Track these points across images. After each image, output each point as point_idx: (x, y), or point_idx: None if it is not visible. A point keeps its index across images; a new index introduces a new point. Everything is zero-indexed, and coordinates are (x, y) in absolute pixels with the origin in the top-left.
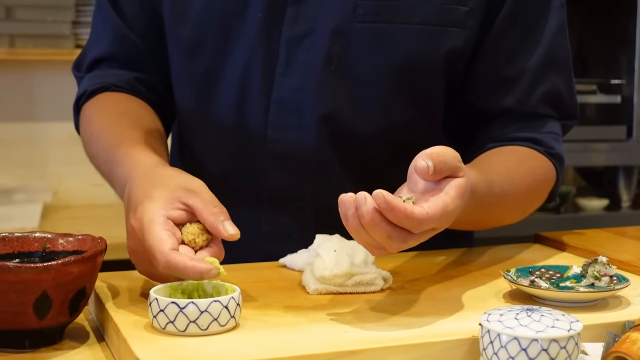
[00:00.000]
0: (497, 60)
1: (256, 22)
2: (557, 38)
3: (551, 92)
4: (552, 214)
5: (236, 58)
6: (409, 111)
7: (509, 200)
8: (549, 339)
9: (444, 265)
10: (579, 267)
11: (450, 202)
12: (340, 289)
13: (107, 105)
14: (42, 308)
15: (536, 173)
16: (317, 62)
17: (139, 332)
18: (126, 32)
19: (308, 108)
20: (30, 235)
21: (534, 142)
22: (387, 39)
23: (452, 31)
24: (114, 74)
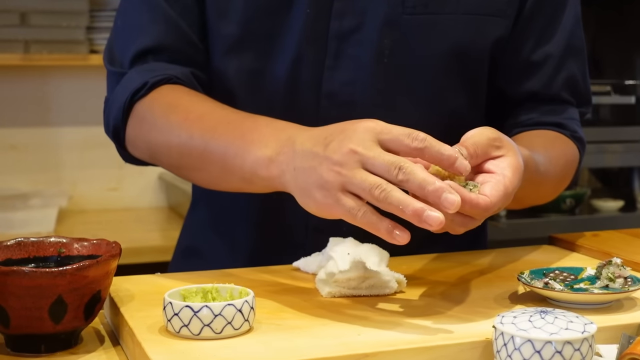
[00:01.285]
0: (524, 46)
1: (303, 17)
2: (575, 27)
3: (570, 78)
4: (566, 216)
5: (284, 54)
6: (459, 98)
7: (548, 179)
8: (563, 341)
9: (457, 268)
10: (593, 269)
11: (509, 184)
12: (354, 292)
13: (187, 93)
14: (58, 312)
15: (567, 154)
16: (367, 56)
17: (154, 335)
18: (179, 22)
19: (360, 101)
20: (45, 240)
21: (559, 127)
22: (436, 30)
23: (495, 20)
24: (170, 67)
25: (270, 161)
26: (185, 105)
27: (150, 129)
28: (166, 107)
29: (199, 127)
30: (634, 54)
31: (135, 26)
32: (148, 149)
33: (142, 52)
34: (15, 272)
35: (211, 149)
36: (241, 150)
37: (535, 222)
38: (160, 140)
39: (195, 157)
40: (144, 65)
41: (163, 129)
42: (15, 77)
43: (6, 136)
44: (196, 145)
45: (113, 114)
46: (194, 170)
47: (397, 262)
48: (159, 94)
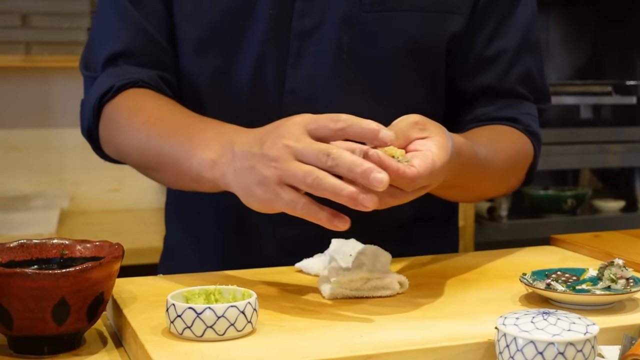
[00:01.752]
0: (478, 42)
1: (266, 18)
2: (531, 23)
3: (526, 73)
4: (568, 216)
5: (248, 54)
6: (418, 93)
7: (492, 170)
8: (565, 343)
9: (459, 269)
10: (595, 270)
11: (437, 159)
12: (357, 293)
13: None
14: (61, 314)
15: (516, 146)
16: (327, 53)
17: (157, 337)
18: (147, 26)
19: (321, 97)
20: (48, 242)
21: (513, 121)
22: (392, 26)
23: (451, 16)
24: (137, 71)
25: (213, 163)
26: (146, 108)
27: (116, 130)
28: (129, 110)
29: (156, 130)
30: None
31: (105, 32)
32: (115, 150)
33: (112, 56)
34: (18, 274)
35: (165, 151)
36: (189, 153)
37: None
38: (124, 141)
39: (152, 158)
40: (113, 69)
41: (126, 131)
42: (16, 78)
43: (8, 137)
44: (153, 147)
45: (86, 116)
46: (153, 170)
47: (399, 263)
48: (125, 97)
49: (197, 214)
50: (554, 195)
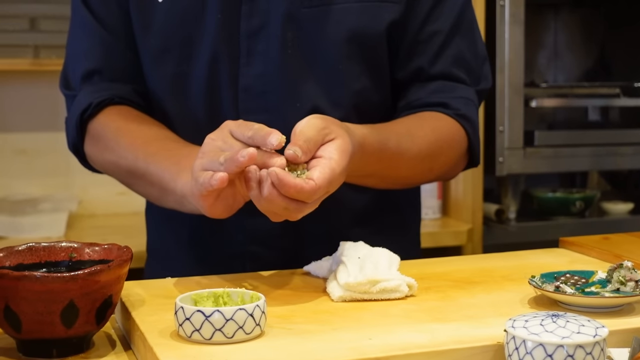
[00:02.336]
0: (412, 27)
1: (215, 22)
2: (465, 7)
3: (458, 55)
4: (576, 219)
5: (202, 57)
6: (363, 81)
7: (407, 156)
8: (574, 345)
9: (468, 271)
10: (604, 272)
11: (336, 166)
12: (365, 296)
13: (133, 116)
14: (69, 317)
15: (439, 132)
16: (274, 49)
17: (165, 340)
18: (115, 43)
19: (272, 91)
20: (57, 245)
21: (443, 107)
22: (332, 19)
23: (387, 5)
24: (112, 87)
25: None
26: (132, 130)
27: (103, 148)
28: (116, 131)
29: (143, 151)
30: None
31: (78, 52)
32: (102, 166)
33: (87, 74)
34: (26, 277)
35: (151, 172)
36: (174, 175)
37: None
38: (112, 160)
39: (139, 177)
40: (90, 87)
41: (114, 150)
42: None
43: (16, 141)
44: (140, 167)
45: (70, 134)
46: (140, 187)
47: (407, 266)
48: (108, 118)
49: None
50: (563, 197)
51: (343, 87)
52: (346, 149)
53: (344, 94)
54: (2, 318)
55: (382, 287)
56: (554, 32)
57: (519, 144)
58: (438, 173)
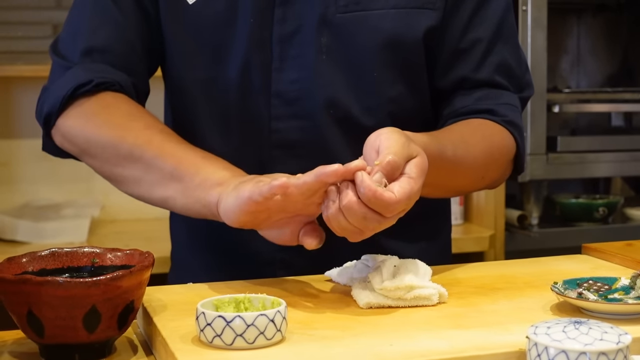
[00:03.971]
0: (453, 35)
1: (248, 26)
2: (506, 14)
3: (501, 62)
4: (599, 225)
5: (233, 62)
6: (398, 87)
7: (464, 165)
8: (597, 352)
9: (490, 278)
10: (628, 279)
11: (414, 184)
12: (396, 303)
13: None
14: (92, 322)
15: (490, 139)
16: (308, 55)
17: (186, 345)
18: (127, 30)
19: (305, 98)
20: (79, 250)
21: (490, 113)
22: (367, 24)
23: (425, 12)
24: (114, 72)
25: (221, 182)
26: (146, 118)
27: (101, 125)
28: (127, 113)
29: (160, 137)
30: None
31: (85, 24)
32: (86, 142)
33: (89, 50)
34: (49, 282)
35: (166, 155)
36: (198, 164)
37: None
38: (110, 137)
39: (147, 159)
40: (90, 64)
41: (119, 126)
42: None
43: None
44: (152, 149)
45: (49, 102)
46: (135, 170)
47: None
48: (115, 100)
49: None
50: (586, 203)
51: (378, 94)
52: (425, 167)
53: (379, 101)
54: (25, 323)
55: (416, 294)
56: (577, 37)
57: (542, 150)
58: (489, 181)
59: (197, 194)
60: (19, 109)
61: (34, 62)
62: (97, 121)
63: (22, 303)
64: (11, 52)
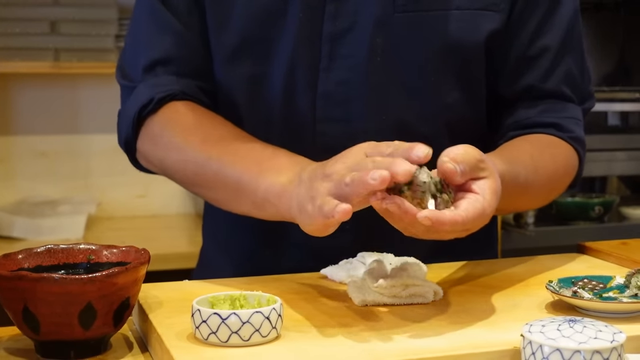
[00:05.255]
0: (520, 41)
1: (297, 22)
2: (574, 21)
3: (568, 72)
4: (595, 223)
5: (280, 58)
6: (455, 94)
7: (532, 189)
8: (591, 351)
9: (485, 276)
10: (622, 278)
11: (487, 207)
12: (391, 300)
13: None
14: (87, 319)
15: (557, 160)
16: (360, 55)
17: (182, 342)
18: (185, 33)
19: (355, 100)
20: (75, 247)
21: (555, 128)
22: (427, 26)
23: (488, 14)
24: (176, 81)
25: (282, 189)
26: (204, 128)
27: (165, 147)
28: (184, 128)
29: (217, 150)
30: None
31: (142, 39)
32: (161, 165)
33: (150, 65)
34: (45, 279)
35: (227, 172)
36: (256, 175)
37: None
38: (175, 159)
39: (210, 177)
40: (152, 80)
41: (180, 149)
42: (45, 84)
43: (36, 143)
44: (213, 166)
45: (124, 128)
46: (207, 189)
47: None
48: (175, 113)
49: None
50: (582, 202)
51: (434, 101)
52: (498, 190)
53: (434, 108)
54: (20, 320)
55: (412, 292)
56: None
57: None
58: (549, 200)
59: (268, 209)
60: (15, 105)
61: (31, 59)
62: (160, 144)
63: (17, 299)
64: (8, 48)
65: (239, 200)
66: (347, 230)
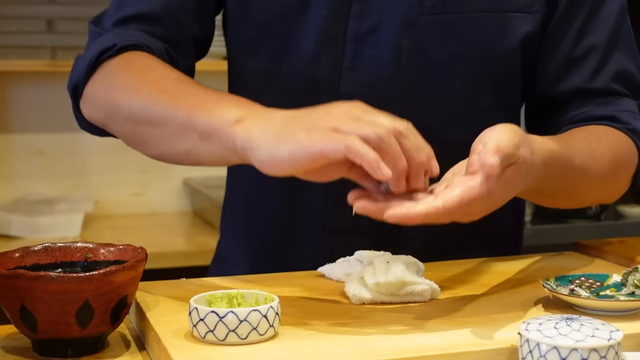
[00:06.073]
0: (564, 42)
1: (320, 19)
2: (621, 18)
3: (620, 70)
4: (592, 222)
5: (300, 55)
6: (486, 99)
7: (591, 175)
8: (589, 349)
9: (482, 274)
10: (619, 276)
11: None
12: (389, 299)
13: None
14: (84, 317)
15: (617, 148)
16: (385, 56)
17: (179, 341)
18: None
19: (378, 102)
20: (72, 245)
21: (611, 120)
22: (455, 29)
23: (520, 16)
24: (145, 37)
25: (240, 117)
26: (164, 70)
27: (119, 86)
28: (142, 68)
29: (173, 87)
30: None
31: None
32: (107, 105)
33: (125, 18)
34: (42, 277)
35: (178, 104)
36: (211, 107)
37: (561, 228)
38: (127, 97)
39: (159, 110)
40: (121, 30)
41: (133, 86)
42: (42, 83)
43: (33, 141)
44: (164, 100)
45: (77, 70)
46: (152, 126)
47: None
48: (136, 56)
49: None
50: None
51: (460, 106)
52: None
53: (461, 113)
54: (18, 318)
55: (409, 290)
56: None
57: None
58: (614, 192)
59: (217, 138)
60: (12, 103)
61: (28, 57)
62: (116, 82)
63: (15, 298)
64: (5, 46)
65: (184, 134)
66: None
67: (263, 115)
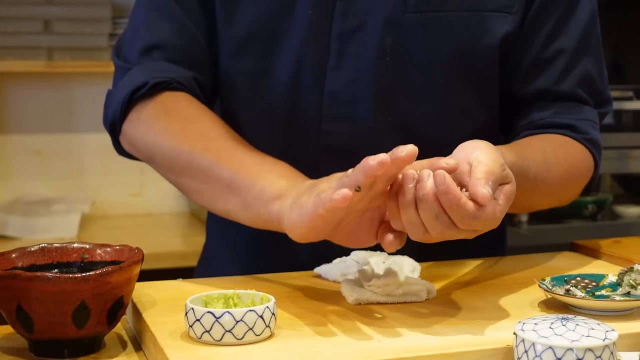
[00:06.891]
0: (535, 43)
1: (306, 19)
2: (591, 23)
3: (584, 76)
4: (588, 222)
5: (286, 55)
6: (467, 97)
7: (543, 186)
8: (584, 349)
9: (479, 274)
10: (615, 276)
11: (499, 211)
12: (385, 299)
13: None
14: (81, 318)
15: (571, 160)
16: (369, 55)
17: (176, 341)
18: (187, 22)
19: (363, 100)
20: (69, 246)
21: (570, 129)
22: (438, 28)
23: (501, 16)
24: (173, 69)
25: (282, 191)
26: (205, 122)
27: (159, 133)
28: (184, 118)
29: (215, 144)
30: None
31: (143, 23)
32: (148, 151)
33: (147, 48)
34: (39, 278)
35: (222, 166)
36: (255, 174)
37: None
38: (169, 146)
39: (203, 169)
40: (149, 64)
41: (175, 136)
42: (38, 83)
43: (30, 142)
44: (208, 158)
45: (112, 109)
46: (195, 181)
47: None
48: (174, 102)
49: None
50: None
51: (443, 103)
52: (512, 196)
53: (444, 111)
54: (14, 319)
55: (405, 291)
56: None
57: None
58: (564, 200)
59: (257, 209)
60: (9, 104)
61: (25, 58)
62: (156, 129)
63: (11, 298)
64: (1, 47)
65: (226, 197)
66: None
67: (296, 187)
